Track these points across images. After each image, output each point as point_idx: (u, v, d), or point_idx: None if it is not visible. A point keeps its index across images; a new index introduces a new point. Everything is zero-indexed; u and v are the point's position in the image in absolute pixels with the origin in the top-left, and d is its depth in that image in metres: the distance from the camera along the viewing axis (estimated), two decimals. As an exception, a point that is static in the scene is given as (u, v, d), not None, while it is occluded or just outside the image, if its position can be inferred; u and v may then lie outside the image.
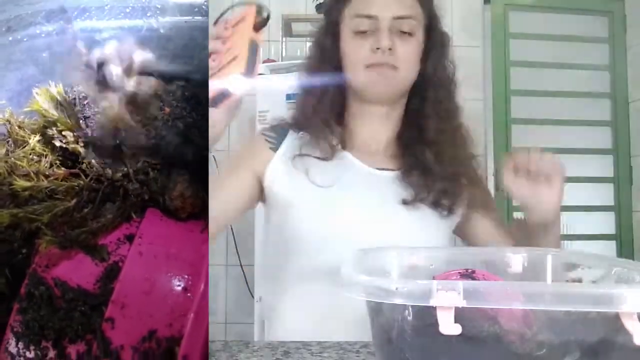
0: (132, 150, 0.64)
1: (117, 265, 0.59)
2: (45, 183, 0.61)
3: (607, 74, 2.70)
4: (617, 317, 0.37)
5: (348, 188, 0.84)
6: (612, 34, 2.69)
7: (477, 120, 2.43)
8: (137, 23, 0.69)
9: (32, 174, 0.61)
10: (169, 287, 0.58)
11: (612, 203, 2.66)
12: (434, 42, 0.88)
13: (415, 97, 0.89)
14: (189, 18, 0.69)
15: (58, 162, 0.63)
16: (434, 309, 0.38)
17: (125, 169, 0.63)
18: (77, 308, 0.58)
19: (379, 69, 0.82)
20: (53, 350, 0.58)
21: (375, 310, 0.44)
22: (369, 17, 0.82)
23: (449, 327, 0.38)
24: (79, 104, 0.65)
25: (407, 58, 0.83)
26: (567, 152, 2.67)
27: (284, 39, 2.40)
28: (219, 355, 0.59)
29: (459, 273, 0.46)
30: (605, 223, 2.66)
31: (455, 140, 0.88)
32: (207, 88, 0.59)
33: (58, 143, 0.63)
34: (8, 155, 0.63)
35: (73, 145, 0.63)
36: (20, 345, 0.58)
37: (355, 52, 0.84)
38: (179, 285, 0.58)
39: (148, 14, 0.68)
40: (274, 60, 2.26)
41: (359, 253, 0.54)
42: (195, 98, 0.66)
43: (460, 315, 0.38)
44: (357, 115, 0.90)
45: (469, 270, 0.46)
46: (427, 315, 0.39)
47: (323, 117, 0.86)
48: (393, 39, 0.82)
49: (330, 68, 0.88)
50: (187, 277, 0.59)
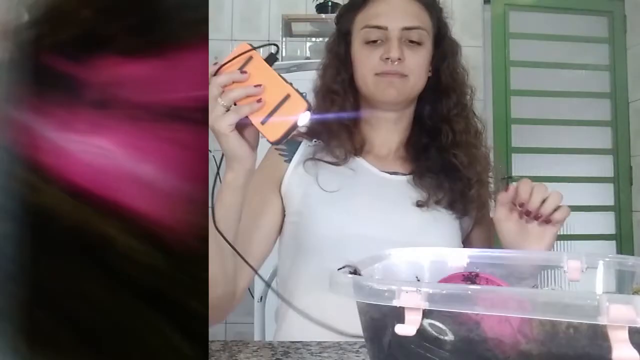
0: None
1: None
2: None
3: (607, 74, 2.70)
4: (602, 329, 0.34)
5: (361, 193, 0.85)
6: (612, 34, 2.69)
7: (484, 123, 2.43)
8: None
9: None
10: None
11: (612, 203, 2.66)
12: (446, 50, 0.90)
13: (428, 104, 0.91)
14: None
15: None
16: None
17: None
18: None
19: (389, 77, 0.84)
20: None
21: (359, 308, 0.44)
22: (379, 27, 0.84)
23: (403, 327, 0.38)
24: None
25: (416, 67, 0.85)
26: (567, 152, 2.67)
27: (284, 39, 2.40)
28: (219, 355, 0.59)
29: (463, 275, 0.46)
30: (605, 223, 2.66)
31: (477, 142, 0.90)
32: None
33: None
34: None
35: None
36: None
37: (366, 60, 0.85)
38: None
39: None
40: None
41: (397, 252, 0.54)
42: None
43: (443, 318, 0.38)
44: (368, 121, 0.92)
45: (473, 274, 0.46)
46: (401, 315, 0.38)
47: (340, 123, 0.88)
48: (402, 49, 0.83)
49: (344, 74, 0.89)
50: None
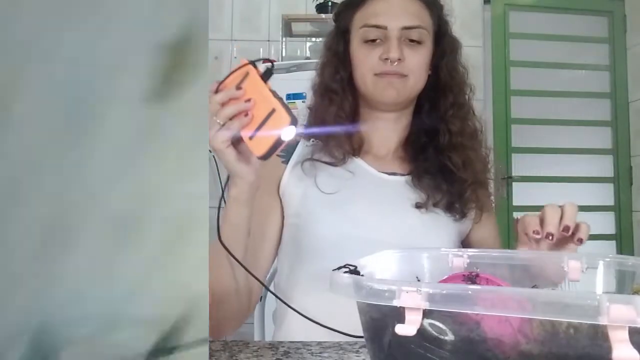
0: None
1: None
2: None
3: (607, 74, 2.70)
4: (602, 329, 0.34)
5: (359, 195, 0.83)
6: (612, 34, 2.70)
7: (483, 122, 2.43)
8: None
9: None
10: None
11: (612, 203, 2.66)
12: (445, 48, 0.88)
13: (427, 102, 0.89)
14: None
15: None
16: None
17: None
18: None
19: (388, 78, 0.82)
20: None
21: (359, 308, 0.44)
22: (378, 27, 0.82)
23: (403, 327, 0.38)
24: None
25: (416, 67, 0.83)
26: (567, 152, 2.67)
27: (284, 39, 2.40)
28: (219, 355, 0.59)
29: (463, 275, 0.45)
30: (605, 223, 2.66)
31: (474, 144, 0.88)
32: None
33: None
34: None
35: None
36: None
37: (365, 60, 0.83)
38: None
39: None
40: (274, 60, 2.27)
41: (398, 253, 0.54)
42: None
43: (443, 318, 0.37)
44: (367, 121, 0.90)
45: (473, 274, 0.46)
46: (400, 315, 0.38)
47: (338, 117, 0.86)
48: (402, 49, 0.81)
49: (342, 72, 0.87)
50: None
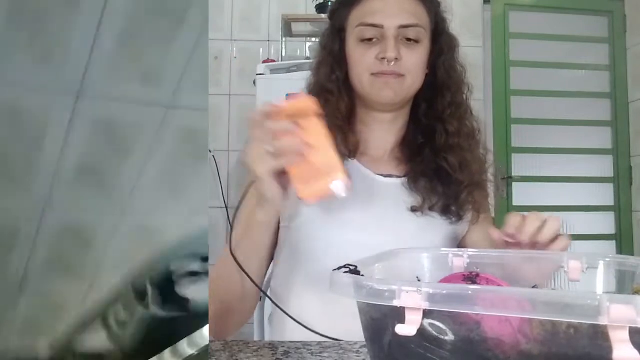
0: None
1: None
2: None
3: (607, 74, 2.70)
4: (602, 329, 0.33)
5: (355, 198, 0.81)
6: (612, 34, 2.70)
7: (481, 121, 2.43)
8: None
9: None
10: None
11: (612, 203, 2.66)
12: (443, 46, 0.86)
13: (425, 101, 0.87)
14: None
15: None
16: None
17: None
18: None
19: (385, 78, 0.80)
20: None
21: (359, 308, 0.44)
22: (375, 26, 0.80)
23: (403, 327, 0.37)
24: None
25: (413, 66, 0.81)
26: (567, 152, 2.67)
27: (284, 39, 2.40)
28: (219, 355, 0.59)
29: (463, 275, 0.45)
30: (605, 223, 2.66)
31: (472, 144, 0.85)
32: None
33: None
34: None
35: None
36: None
37: (361, 59, 0.81)
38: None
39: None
40: (274, 60, 2.27)
41: (399, 253, 0.54)
42: None
43: (443, 318, 0.37)
44: (364, 122, 0.88)
45: (473, 274, 0.46)
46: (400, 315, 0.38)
47: (334, 118, 0.84)
48: (399, 48, 0.79)
49: (338, 72, 0.85)
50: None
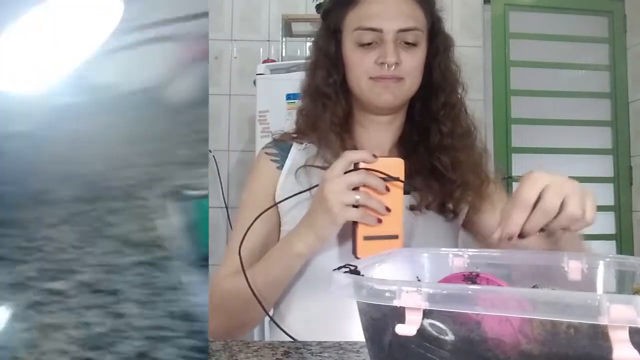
0: None
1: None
2: None
3: (607, 74, 2.70)
4: (602, 329, 0.33)
5: None
6: (612, 34, 2.70)
7: (477, 121, 2.44)
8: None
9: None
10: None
11: (612, 203, 2.66)
12: (439, 46, 0.86)
13: (420, 101, 0.87)
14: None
15: None
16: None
17: None
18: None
19: (384, 82, 0.80)
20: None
21: (359, 308, 0.44)
22: (373, 30, 0.79)
23: (403, 328, 0.37)
24: None
25: (412, 69, 0.81)
26: (567, 152, 2.67)
27: (284, 39, 2.40)
28: (219, 355, 0.59)
29: (463, 275, 0.45)
30: (605, 223, 2.66)
31: (467, 143, 0.85)
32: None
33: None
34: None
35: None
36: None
37: (359, 63, 0.81)
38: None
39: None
40: (274, 60, 2.27)
41: (399, 253, 0.55)
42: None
43: (443, 318, 0.37)
44: (361, 123, 0.88)
45: (473, 274, 0.45)
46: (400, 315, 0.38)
47: (329, 125, 0.83)
48: (398, 52, 0.79)
49: (335, 75, 0.85)
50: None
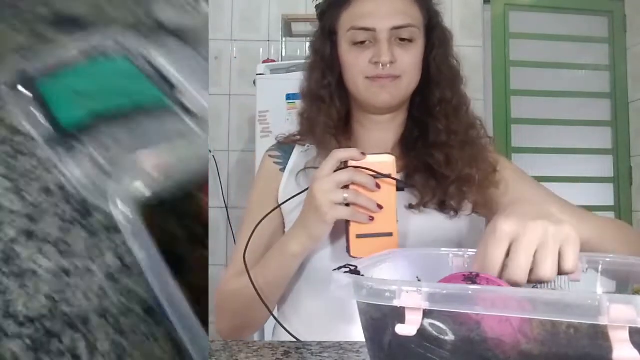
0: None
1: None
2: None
3: (607, 74, 2.70)
4: (603, 329, 0.33)
5: None
6: (612, 34, 2.69)
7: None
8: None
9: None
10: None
11: (612, 203, 2.66)
12: (436, 41, 0.84)
13: (419, 98, 0.86)
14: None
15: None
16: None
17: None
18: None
19: (381, 81, 0.79)
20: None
21: (359, 308, 0.44)
22: (366, 29, 0.78)
23: (403, 328, 0.37)
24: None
25: (409, 66, 0.80)
26: (567, 152, 2.67)
27: (284, 39, 2.40)
28: (219, 355, 0.59)
29: (463, 275, 0.45)
30: (605, 223, 2.65)
31: (467, 140, 0.83)
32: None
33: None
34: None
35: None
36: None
37: (355, 63, 0.80)
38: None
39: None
40: (274, 60, 2.27)
41: (399, 253, 0.55)
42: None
43: (443, 318, 0.37)
44: (361, 123, 0.88)
45: (473, 274, 0.45)
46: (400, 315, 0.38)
47: (324, 127, 0.83)
48: (393, 50, 0.78)
49: (330, 77, 0.84)
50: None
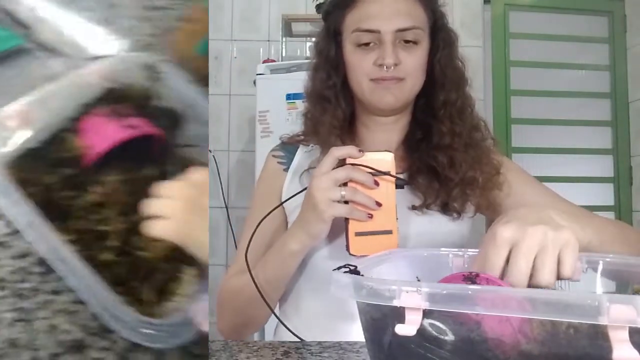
0: None
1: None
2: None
3: (607, 74, 2.70)
4: (602, 329, 0.33)
5: None
6: (612, 34, 2.69)
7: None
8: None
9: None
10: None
11: (612, 203, 2.66)
12: (441, 42, 0.84)
13: (424, 99, 0.86)
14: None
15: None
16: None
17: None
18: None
19: (385, 83, 0.79)
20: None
21: (359, 308, 0.44)
22: (371, 31, 0.78)
23: (403, 328, 0.37)
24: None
25: (413, 68, 0.80)
26: (567, 152, 2.67)
27: (284, 39, 2.40)
28: (219, 355, 0.59)
29: (463, 275, 0.45)
30: (606, 223, 2.65)
31: (471, 143, 0.83)
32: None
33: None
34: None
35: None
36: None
37: (359, 65, 0.80)
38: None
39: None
40: (274, 60, 2.27)
41: (399, 253, 0.55)
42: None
43: (443, 318, 0.37)
44: (366, 125, 0.88)
45: (473, 274, 0.45)
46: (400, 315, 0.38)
47: (329, 128, 0.83)
48: (397, 52, 0.78)
49: (335, 78, 0.84)
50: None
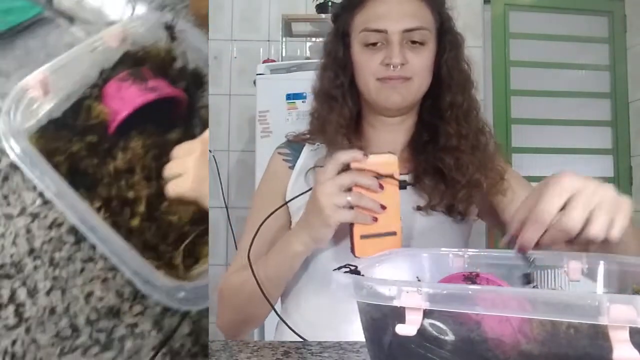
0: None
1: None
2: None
3: (607, 74, 2.70)
4: (603, 329, 0.33)
5: None
6: (612, 34, 2.69)
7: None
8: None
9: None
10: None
11: (612, 203, 2.65)
12: (447, 44, 0.85)
13: (430, 101, 0.86)
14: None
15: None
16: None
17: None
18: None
19: (392, 83, 0.80)
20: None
21: (359, 308, 0.45)
22: (378, 31, 0.79)
23: (403, 328, 0.38)
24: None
25: (420, 69, 0.80)
26: (567, 152, 2.67)
27: (284, 39, 2.40)
28: (219, 355, 0.59)
29: (463, 275, 0.45)
30: (606, 223, 2.65)
31: (477, 145, 0.83)
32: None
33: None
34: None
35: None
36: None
37: (366, 64, 0.81)
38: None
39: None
40: (274, 60, 2.26)
41: (399, 253, 0.56)
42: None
43: (443, 318, 0.37)
44: (372, 124, 0.88)
45: (473, 274, 0.45)
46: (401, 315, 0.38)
47: (336, 127, 0.84)
48: (404, 52, 0.79)
49: (342, 77, 0.85)
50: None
